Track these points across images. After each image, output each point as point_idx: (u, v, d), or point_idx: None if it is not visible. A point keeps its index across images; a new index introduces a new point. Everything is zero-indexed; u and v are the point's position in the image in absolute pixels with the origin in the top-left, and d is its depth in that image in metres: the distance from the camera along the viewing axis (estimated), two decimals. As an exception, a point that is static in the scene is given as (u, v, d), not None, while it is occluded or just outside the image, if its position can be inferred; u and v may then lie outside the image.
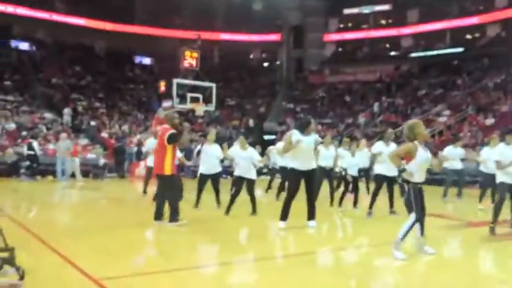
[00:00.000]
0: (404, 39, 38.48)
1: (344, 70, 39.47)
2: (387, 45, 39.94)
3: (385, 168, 8.80)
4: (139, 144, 20.10)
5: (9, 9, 33.45)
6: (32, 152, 17.68)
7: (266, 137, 28.71)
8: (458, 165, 12.45)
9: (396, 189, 7.86)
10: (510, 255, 6.32)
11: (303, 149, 7.22)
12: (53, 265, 4.96)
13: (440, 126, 26.67)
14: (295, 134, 7.24)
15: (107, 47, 39.03)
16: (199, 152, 9.47)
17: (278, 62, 43.46)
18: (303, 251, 6.02)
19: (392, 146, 9.00)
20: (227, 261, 5.38)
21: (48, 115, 26.67)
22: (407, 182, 5.60)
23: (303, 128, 7.30)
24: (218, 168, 9.48)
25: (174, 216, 7.18)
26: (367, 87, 36.23)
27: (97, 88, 33.52)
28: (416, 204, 5.56)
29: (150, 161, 11.51)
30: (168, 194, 7.30)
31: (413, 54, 36.90)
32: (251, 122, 32.79)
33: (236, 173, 8.71)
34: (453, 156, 12.25)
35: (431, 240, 7.03)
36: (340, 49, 41.35)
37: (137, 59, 39.91)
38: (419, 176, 5.60)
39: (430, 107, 29.82)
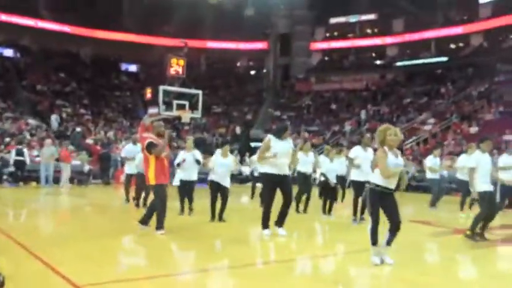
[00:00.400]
0: (390, 48, 38.91)
1: (330, 78, 39.71)
2: (373, 54, 40.32)
3: (360, 173, 8.76)
4: (125, 151, 19.95)
5: (-6, 15, 33.19)
6: (21, 158, 17.50)
7: (253, 144, 28.72)
8: (437, 174, 12.52)
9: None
10: (491, 261, 6.41)
11: (280, 154, 7.20)
12: (35, 272, 4.91)
13: (425, 134, 26.93)
14: (272, 140, 7.25)
15: (93, 54, 38.84)
16: (179, 164, 9.41)
17: (265, 70, 43.61)
18: (284, 258, 6.05)
19: (370, 152, 8.94)
20: (209, 267, 5.38)
21: (32, 121, 26.43)
22: (370, 183, 5.48)
23: (280, 134, 7.30)
24: (195, 176, 9.53)
25: (159, 224, 7.16)
26: (353, 96, 36.47)
27: (82, 95, 33.31)
28: (371, 206, 5.40)
29: (128, 168, 11.44)
30: (155, 202, 7.30)
31: (399, 63, 37.30)
32: (238, 129, 32.80)
33: (211, 177, 8.68)
34: (436, 166, 12.39)
35: (417, 246, 7.10)
36: (326, 58, 41.63)
37: (123, 66, 39.78)
38: (386, 182, 5.40)
39: (415, 115, 30.10)
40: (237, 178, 22.38)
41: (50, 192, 15.35)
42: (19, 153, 17.74)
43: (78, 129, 26.59)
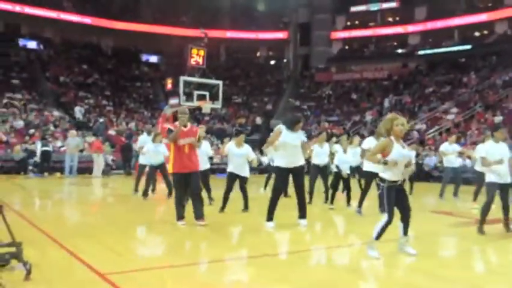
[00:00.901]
0: (412, 36, 38.34)
1: (351, 68, 39.37)
2: (394, 43, 39.79)
3: (373, 165, 8.62)
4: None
5: (17, 8, 33.70)
6: (47, 149, 17.89)
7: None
8: (455, 162, 12.31)
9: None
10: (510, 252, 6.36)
11: (289, 145, 7.14)
12: (60, 260, 5.06)
13: (447, 123, 26.57)
14: (283, 131, 7.18)
15: (114, 45, 39.22)
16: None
17: (285, 60, 43.42)
18: (296, 249, 6.08)
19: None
20: (226, 257, 5.48)
21: (56, 113, 26.89)
22: (383, 180, 5.37)
23: (292, 125, 7.21)
24: (207, 165, 9.59)
25: (177, 215, 7.20)
26: (374, 85, 36.12)
27: (104, 86, 33.71)
28: (388, 205, 5.30)
29: (142, 159, 11.47)
30: (176, 191, 7.33)
31: (421, 52, 36.75)
32: (258, 120, 32.84)
33: (229, 169, 8.74)
34: (449, 153, 12.16)
35: (437, 237, 7.08)
36: (347, 47, 41.25)
37: (144, 57, 40.06)
38: (394, 174, 5.32)
39: (437, 104, 29.72)
40: (257, 168, 22.43)
41: (74, 182, 15.66)
42: (45, 144, 18.11)
43: (101, 120, 26.96)
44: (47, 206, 10.08)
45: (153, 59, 40.35)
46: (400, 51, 38.80)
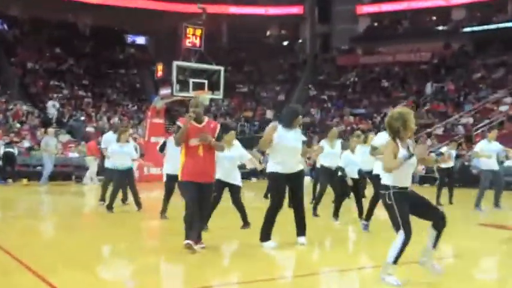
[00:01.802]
0: (456, 10, 38.09)
1: (381, 49, 39.20)
2: (434, 18, 39.54)
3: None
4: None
5: (-23, -20, 33.86)
6: (12, 150, 17.88)
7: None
8: (494, 164, 11.96)
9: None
10: None
11: (287, 147, 6.97)
12: (24, 284, 4.99)
13: (500, 116, 26.34)
14: (279, 131, 6.96)
15: (93, 25, 39.34)
16: (163, 147, 9.31)
17: (300, 40, 43.33)
18: (295, 273, 6.00)
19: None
20: (215, 284, 5.37)
21: (23, 107, 26.94)
22: (387, 187, 5.17)
23: (289, 122, 7.03)
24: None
25: (186, 235, 6.52)
26: (409, 70, 35.93)
27: (81, 73, 33.81)
28: (402, 218, 5.07)
29: (107, 162, 11.39)
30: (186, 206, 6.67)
31: (467, 29, 36.50)
32: (269, 113, 32.79)
33: (217, 175, 8.03)
34: (488, 153, 11.87)
35: (489, 256, 6.92)
36: (375, 24, 41.08)
37: (129, 38, 40.16)
38: (401, 180, 5.15)
39: (487, 93, 29.49)
40: (264, 173, 22.37)
41: (47, 191, 15.64)
42: (9, 144, 18.11)
43: (82, 117, 27.00)
44: (11, 220, 10.04)
45: (141, 40, 40.44)
46: (441, 28, 38.56)
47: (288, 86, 37.57)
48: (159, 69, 20.85)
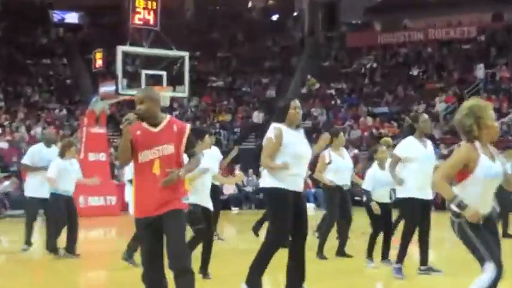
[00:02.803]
0: (509, -33, 38.40)
1: (407, 23, 39.31)
2: (480, -21, 39.84)
3: (416, 184, 8.57)
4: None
5: None
6: None
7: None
8: None
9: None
10: None
11: (296, 154, 7.09)
12: None
13: None
14: (284, 132, 7.05)
15: (5, -2, 39.22)
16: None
17: (295, 13, 43.38)
18: None
19: (430, 146, 8.94)
20: None
21: None
22: (457, 215, 5.30)
23: (282, 117, 7.15)
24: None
25: None
26: (448, 51, 36.08)
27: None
28: (487, 248, 5.21)
29: (32, 188, 11.49)
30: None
31: (525, -7, 36.80)
32: (255, 115, 32.66)
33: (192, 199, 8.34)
34: None
35: None
36: (399, -12, 41.35)
37: (56, 16, 39.92)
38: (482, 203, 5.30)
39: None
40: (255, 198, 22.27)
41: None
42: None
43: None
44: None
45: (71, 17, 40.28)
46: (489, -7, 38.78)
47: (280, 76, 37.48)
48: (98, 57, 20.75)
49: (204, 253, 8.46)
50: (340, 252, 10.48)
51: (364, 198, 9.65)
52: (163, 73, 19.12)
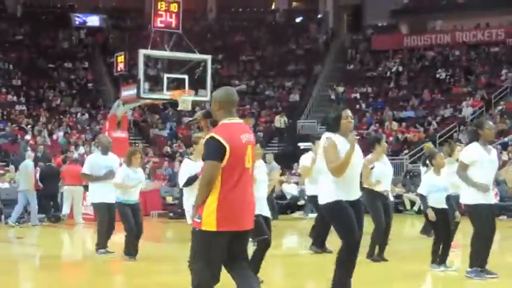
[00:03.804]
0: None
1: (435, 25, 39.12)
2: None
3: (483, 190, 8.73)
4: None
5: None
6: None
7: (302, 145, 28.48)
8: None
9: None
10: None
11: (357, 163, 7.34)
12: None
13: None
14: (337, 141, 7.22)
15: (27, 2, 39.37)
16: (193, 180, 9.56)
17: (320, 16, 43.30)
18: None
19: (494, 152, 9.08)
20: None
21: None
22: None
23: (336, 128, 7.34)
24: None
25: None
26: (476, 54, 35.90)
27: (10, 70, 33.75)
28: None
29: (99, 194, 11.76)
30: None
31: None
32: (278, 120, 32.61)
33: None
34: None
35: None
36: (426, -10, 41.20)
37: (77, 19, 40.07)
38: None
39: None
40: (278, 204, 22.18)
41: None
42: None
43: (28, 136, 26.79)
44: None
45: (93, 20, 40.36)
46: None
47: (304, 80, 37.41)
48: (120, 60, 20.77)
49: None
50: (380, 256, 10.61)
51: (420, 205, 9.77)
52: (185, 77, 19.08)
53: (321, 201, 7.40)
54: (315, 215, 20.70)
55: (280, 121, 32.49)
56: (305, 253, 12.08)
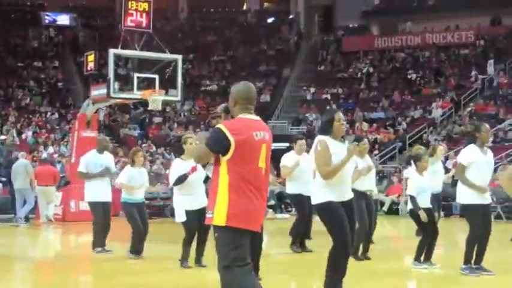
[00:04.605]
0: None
1: (405, 27, 39.44)
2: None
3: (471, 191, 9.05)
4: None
5: None
6: None
7: (273, 145, 28.65)
8: None
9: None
10: None
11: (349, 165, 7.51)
12: None
13: None
14: (329, 144, 7.35)
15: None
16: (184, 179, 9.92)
17: (291, 16, 43.37)
18: None
19: (490, 154, 9.35)
20: None
21: None
22: None
23: (329, 130, 7.44)
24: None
25: None
26: (446, 55, 36.20)
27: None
28: None
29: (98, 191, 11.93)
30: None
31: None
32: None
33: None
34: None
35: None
36: (397, -9, 41.45)
37: (47, 18, 39.83)
38: None
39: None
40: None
41: None
42: None
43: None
44: None
45: (63, 19, 40.14)
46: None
47: (275, 81, 37.47)
48: (90, 60, 20.72)
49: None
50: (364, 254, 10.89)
51: (410, 206, 10.00)
52: (156, 76, 19.07)
53: (314, 201, 7.54)
54: (285, 215, 21.07)
55: (251, 121, 32.57)
56: (277, 253, 12.17)
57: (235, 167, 5.37)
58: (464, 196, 9.27)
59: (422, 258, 9.90)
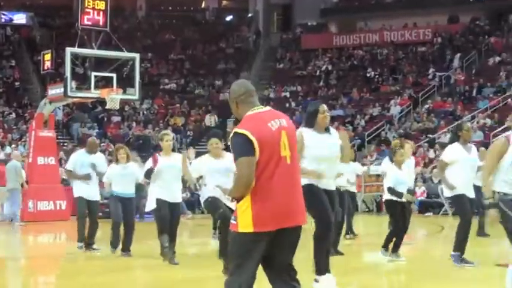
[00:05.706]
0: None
1: (363, 25, 39.82)
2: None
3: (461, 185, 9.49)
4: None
5: None
6: None
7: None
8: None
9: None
10: None
11: (314, 156, 7.69)
12: None
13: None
14: (305, 135, 7.65)
15: None
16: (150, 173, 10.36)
17: (250, 14, 43.41)
18: None
19: (474, 151, 9.95)
20: None
21: None
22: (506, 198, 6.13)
23: (313, 122, 7.81)
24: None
25: None
26: (403, 53, 36.64)
27: None
28: None
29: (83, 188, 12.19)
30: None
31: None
32: (208, 119, 32.67)
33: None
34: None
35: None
36: (355, -11, 41.69)
37: (3, 17, 39.46)
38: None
39: (509, 83, 30.14)
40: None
41: None
42: None
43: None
44: None
45: (20, 18, 39.82)
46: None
47: (233, 78, 37.40)
48: (47, 59, 20.61)
49: None
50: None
51: (388, 196, 10.34)
52: (114, 75, 19.06)
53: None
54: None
55: (210, 120, 32.66)
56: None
57: (260, 167, 4.93)
58: (448, 190, 9.73)
59: (390, 249, 10.19)
